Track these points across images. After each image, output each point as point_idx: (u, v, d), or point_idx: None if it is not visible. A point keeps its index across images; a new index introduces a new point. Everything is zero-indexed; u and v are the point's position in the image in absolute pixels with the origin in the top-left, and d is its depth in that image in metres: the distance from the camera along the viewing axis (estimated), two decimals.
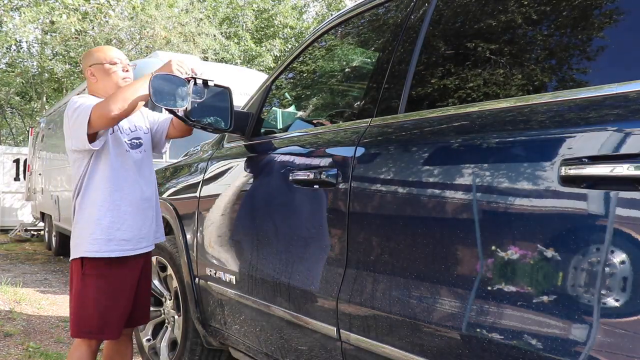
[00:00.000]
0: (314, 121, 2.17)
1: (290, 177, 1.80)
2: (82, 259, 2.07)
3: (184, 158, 2.94)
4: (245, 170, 2.15)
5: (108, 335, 2.14)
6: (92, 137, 2.00)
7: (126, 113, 1.99)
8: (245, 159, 2.20)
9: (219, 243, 2.23)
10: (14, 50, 16.93)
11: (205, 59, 13.52)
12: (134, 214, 2.12)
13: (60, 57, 15.03)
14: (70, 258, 2.13)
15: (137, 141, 2.20)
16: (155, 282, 2.84)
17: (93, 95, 2.15)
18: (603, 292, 0.99)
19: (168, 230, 2.80)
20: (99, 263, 2.07)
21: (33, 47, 17.16)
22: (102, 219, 2.06)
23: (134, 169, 2.15)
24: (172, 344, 2.75)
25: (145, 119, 2.31)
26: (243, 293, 2.05)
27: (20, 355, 3.31)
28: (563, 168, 1.04)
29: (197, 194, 2.44)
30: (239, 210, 2.14)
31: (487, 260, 1.18)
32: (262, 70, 14.83)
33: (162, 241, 2.37)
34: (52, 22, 11.88)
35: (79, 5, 11.45)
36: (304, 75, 2.39)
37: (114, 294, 2.10)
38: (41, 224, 10.04)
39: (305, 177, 1.72)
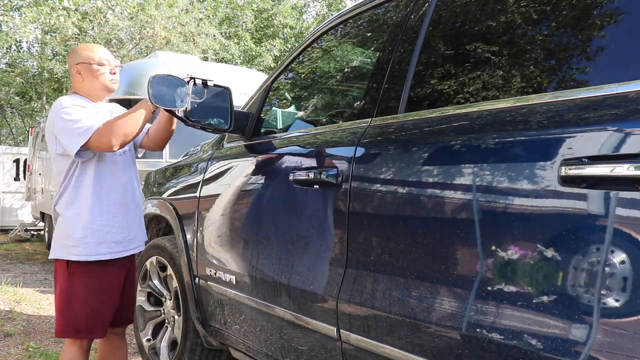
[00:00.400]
0: (314, 121, 2.17)
1: (291, 177, 1.80)
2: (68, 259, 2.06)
3: (184, 158, 2.94)
4: (245, 170, 2.15)
5: (97, 334, 2.13)
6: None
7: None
8: (245, 159, 2.20)
9: (219, 243, 2.23)
10: (14, 50, 16.92)
11: (205, 59, 13.52)
12: (123, 216, 2.13)
13: (60, 57, 15.02)
14: (53, 257, 2.10)
15: None
16: (155, 282, 2.84)
17: (77, 94, 2.14)
18: (603, 292, 0.99)
19: (168, 230, 2.80)
20: (87, 262, 2.06)
21: (33, 47, 17.16)
22: (93, 222, 2.05)
23: (120, 170, 2.15)
24: (172, 344, 2.75)
25: None
26: (243, 293, 2.05)
27: (20, 355, 3.31)
28: (563, 168, 1.04)
29: (197, 194, 2.43)
30: (239, 210, 2.14)
31: (487, 260, 1.18)
32: (262, 70, 14.82)
33: (145, 240, 2.37)
34: (53, 23, 11.88)
35: (79, 5, 11.45)
36: (304, 75, 2.39)
37: (103, 292, 2.09)
38: (41, 224, 10.04)
39: (306, 177, 1.72)
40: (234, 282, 2.10)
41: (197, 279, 2.40)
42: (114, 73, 2.16)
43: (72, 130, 1.97)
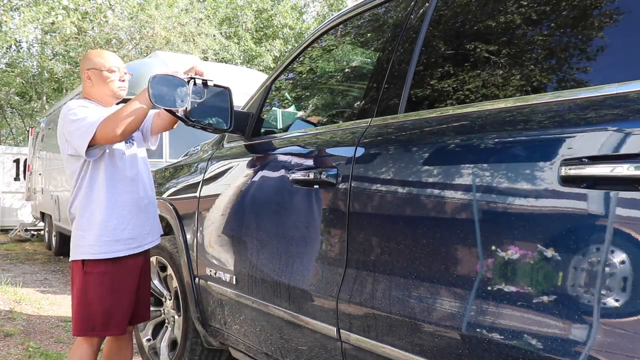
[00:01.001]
0: (314, 121, 2.17)
1: (290, 177, 1.80)
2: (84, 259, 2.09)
3: (184, 158, 2.94)
4: (245, 170, 2.15)
5: (112, 331, 2.16)
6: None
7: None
8: (245, 159, 2.20)
9: (219, 243, 2.24)
10: (14, 50, 16.92)
11: (205, 59, 13.52)
12: (137, 212, 2.16)
13: (60, 57, 15.03)
14: (72, 259, 2.14)
15: (131, 140, 2.23)
16: (155, 282, 2.84)
17: (87, 99, 2.18)
18: (603, 292, 0.99)
19: (168, 230, 2.80)
20: (102, 261, 2.09)
21: (33, 47, 17.16)
22: (108, 221, 2.09)
23: (131, 167, 2.18)
24: (172, 344, 2.75)
25: None
26: (243, 293, 2.05)
27: (20, 355, 3.31)
28: (563, 168, 1.04)
29: (197, 194, 2.44)
30: (239, 210, 2.14)
31: (487, 260, 1.18)
32: (262, 70, 14.83)
33: (160, 233, 2.40)
34: (52, 23, 11.88)
35: (79, 5, 11.45)
36: (304, 75, 2.40)
37: (117, 290, 2.13)
38: (41, 224, 10.04)
39: (305, 177, 1.72)
40: (234, 282, 2.10)
41: (197, 279, 2.40)
42: (123, 80, 2.20)
43: (78, 129, 2.00)
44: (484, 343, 1.16)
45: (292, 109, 2.38)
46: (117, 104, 2.27)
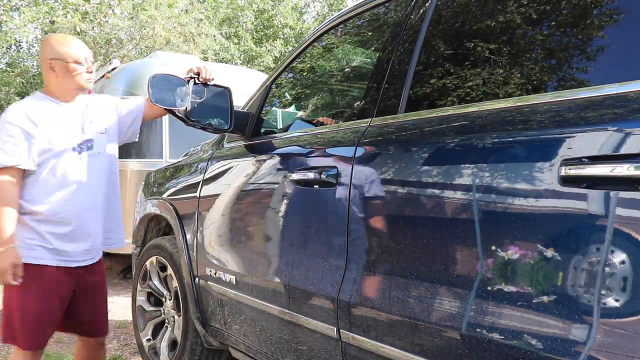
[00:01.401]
0: (314, 121, 2.18)
1: (291, 177, 1.80)
2: None
3: (184, 158, 2.94)
4: (245, 170, 2.15)
5: (31, 345, 1.96)
6: None
7: None
8: (245, 159, 2.20)
9: (219, 243, 2.23)
10: (14, 50, 16.92)
11: (205, 59, 13.52)
12: (74, 225, 1.97)
13: None
14: None
15: (88, 144, 2.01)
16: (155, 282, 2.84)
17: (46, 93, 1.98)
18: (603, 292, 0.99)
19: (168, 230, 2.80)
20: (30, 265, 1.91)
21: (33, 47, 17.15)
22: (41, 228, 1.92)
23: (79, 176, 1.97)
24: (172, 344, 2.75)
25: (106, 116, 2.12)
26: (243, 293, 2.05)
27: None
28: (563, 168, 1.04)
29: (197, 194, 2.43)
30: (239, 210, 2.14)
31: (487, 260, 1.18)
32: (262, 71, 14.82)
33: (122, 246, 2.22)
34: (52, 22, 11.87)
35: (79, 5, 11.45)
36: (304, 75, 2.40)
37: (43, 301, 1.94)
38: None
39: (305, 177, 1.72)
40: (234, 282, 2.10)
41: (197, 279, 2.40)
42: (91, 72, 1.98)
43: None
44: (484, 343, 1.16)
45: (292, 108, 2.38)
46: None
